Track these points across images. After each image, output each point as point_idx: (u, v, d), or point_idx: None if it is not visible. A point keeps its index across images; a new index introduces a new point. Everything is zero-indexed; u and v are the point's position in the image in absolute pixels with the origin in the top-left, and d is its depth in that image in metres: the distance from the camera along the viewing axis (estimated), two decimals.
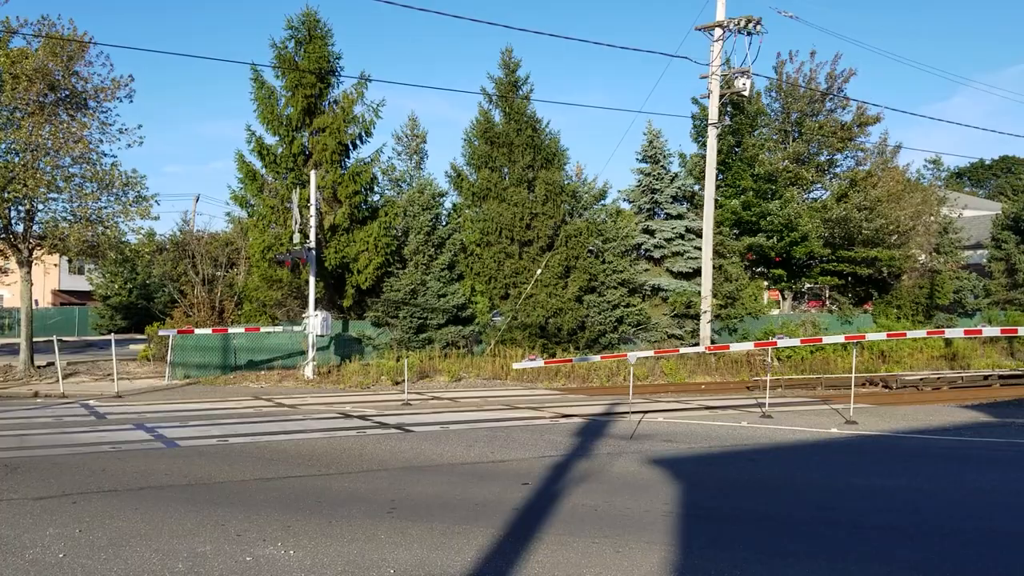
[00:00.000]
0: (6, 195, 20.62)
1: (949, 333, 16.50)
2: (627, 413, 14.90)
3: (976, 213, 45.10)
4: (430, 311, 23.97)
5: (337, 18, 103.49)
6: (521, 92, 26.50)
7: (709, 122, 25.13)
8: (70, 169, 21.41)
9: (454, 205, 27.85)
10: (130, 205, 21.79)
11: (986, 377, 21.76)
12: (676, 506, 8.13)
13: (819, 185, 32.45)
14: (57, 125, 20.86)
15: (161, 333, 22.61)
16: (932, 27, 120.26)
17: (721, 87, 24.77)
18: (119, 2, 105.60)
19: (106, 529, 7.07)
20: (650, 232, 27.10)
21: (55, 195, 21.52)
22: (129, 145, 22.17)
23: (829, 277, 31.06)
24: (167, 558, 6.29)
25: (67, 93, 21.43)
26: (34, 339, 23.36)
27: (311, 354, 21.84)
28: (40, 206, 21.79)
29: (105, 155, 22.06)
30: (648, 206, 27.55)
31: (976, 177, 73.66)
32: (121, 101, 21.97)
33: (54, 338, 20.97)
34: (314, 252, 22.13)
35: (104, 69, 21.80)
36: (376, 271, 24.31)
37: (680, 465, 10.31)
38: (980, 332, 17.08)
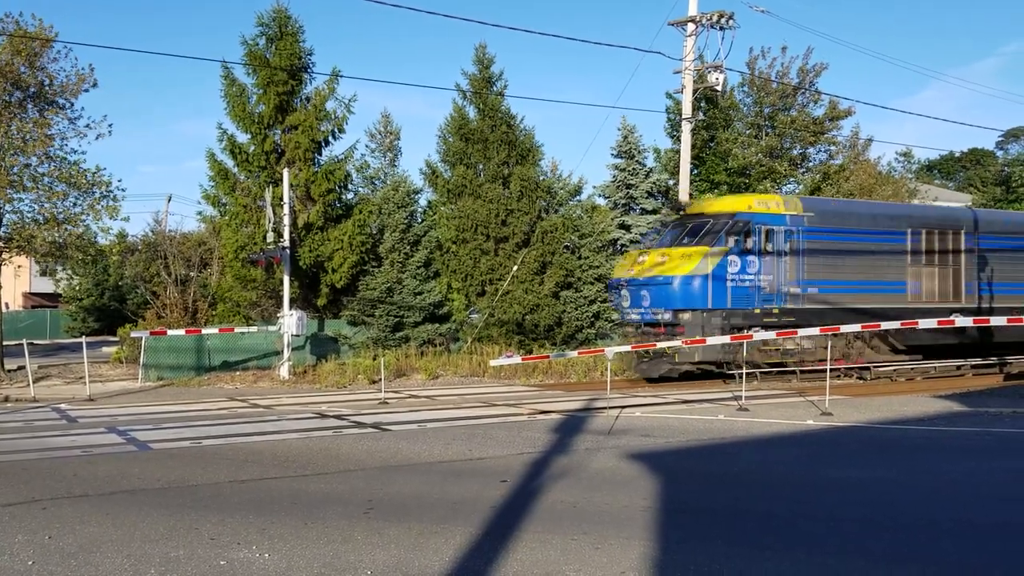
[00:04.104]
0: None
1: (922, 324, 16.61)
2: (605, 408, 14.90)
3: (946, 205, 45.62)
4: (406, 309, 23.86)
5: (309, 15, 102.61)
6: (495, 88, 26.41)
7: (683, 117, 25.18)
8: (38, 168, 21.08)
9: (429, 202, 27.72)
10: (97, 203, 21.47)
11: (959, 367, 22.00)
12: (654, 501, 8.12)
13: (792, 179, 32.64)
14: (23, 123, 20.51)
15: (133, 335, 22.29)
16: (903, 22, 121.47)
17: (694, 82, 24.83)
18: (88, 1, 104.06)
19: (76, 535, 6.94)
20: (626, 227, 27.12)
21: (22, 195, 21.18)
22: (99, 136, 21.81)
23: None
24: (139, 563, 6.18)
25: (34, 91, 21.09)
26: (4, 342, 22.95)
27: (286, 354, 21.65)
28: (7, 207, 21.42)
29: (74, 151, 21.82)
30: (623, 201, 27.59)
31: (946, 170, 74.46)
32: (87, 91, 21.70)
33: (24, 341, 20.62)
34: (288, 251, 21.93)
35: (69, 63, 21.41)
36: (351, 269, 24.14)
37: (658, 460, 10.32)
38: (953, 323, 17.23)
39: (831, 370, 16.34)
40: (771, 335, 18.04)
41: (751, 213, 19.75)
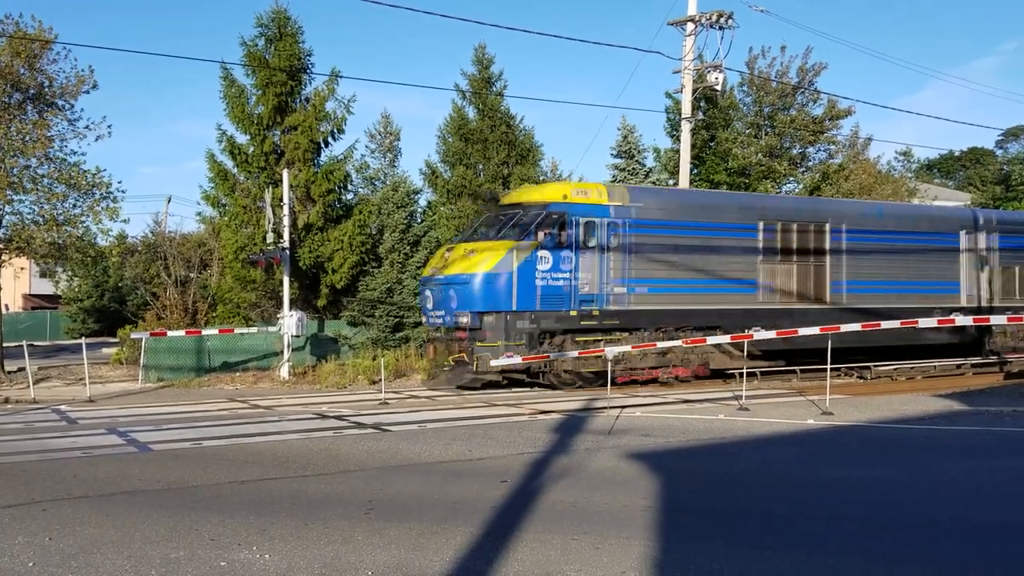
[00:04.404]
0: None
1: (922, 323, 16.60)
2: (605, 408, 14.89)
3: (946, 204, 45.68)
4: (407, 310, 23.85)
5: (308, 15, 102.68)
6: (495, 88, 26.43)
7: (682, 117, 25.19)
8: (37, 170, 21.07)
9: (429, 203, 27.73)
10: (97, 205, 21.46)
11: (959, 366, 21.99)
12: (655, 501, 8.12)
13: (792, 179, 32.65)
14: (23, 125, 20.51)
15: (133, 336, 22.29)
16: (903, 22, 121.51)
17: (694, 82, 24.84)
18: (87, 1, 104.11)
19: (77, 536, 6.94)
20: None
21: (22, 197, 21.17)
22: (98, 138, 21.80)
23: None
24: (139, 565, 6.18)
25: (33, 92, 21.08)
26: (4, 344, 22.94)
27: (286, 355, 21.64)
28: (7, 208, 21.40)
29: (74, 153, 21.83)
30: None
31: (946, 168, 74.52)
32: (88, 93, 21.68)
33: (24, 343, 20.61)
34: (288, 252, 21.92)
35: (68, 65, 21.39)
36: (351, 270, 24.15)
37: (658, 460, 10.31)
38: (952, 321, 17.23)
39: (832, 370, 16.32)
40: (771, 334, 17.89)
41: (567, 204, 17.99)
